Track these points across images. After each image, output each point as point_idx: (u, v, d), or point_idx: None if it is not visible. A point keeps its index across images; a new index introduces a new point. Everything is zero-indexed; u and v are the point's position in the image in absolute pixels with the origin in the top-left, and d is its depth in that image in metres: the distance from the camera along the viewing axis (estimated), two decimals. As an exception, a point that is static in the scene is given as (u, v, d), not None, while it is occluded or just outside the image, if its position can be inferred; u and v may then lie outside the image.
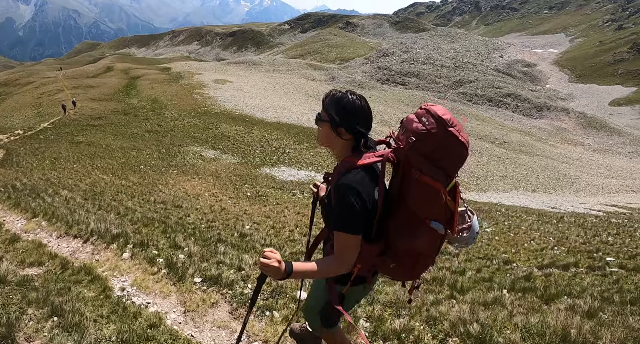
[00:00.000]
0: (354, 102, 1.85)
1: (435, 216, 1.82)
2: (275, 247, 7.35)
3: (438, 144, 1.74)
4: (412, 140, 1.76)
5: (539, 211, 17.15)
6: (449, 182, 1.79)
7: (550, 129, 62.71)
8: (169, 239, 5.96)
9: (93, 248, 5.18)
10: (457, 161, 1.80)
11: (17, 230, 6.18)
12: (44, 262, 4.51)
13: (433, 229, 1.82)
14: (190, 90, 52.61)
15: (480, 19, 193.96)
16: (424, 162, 1.75)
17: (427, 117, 1.77)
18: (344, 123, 1.85)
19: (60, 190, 10.24)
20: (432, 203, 1.79)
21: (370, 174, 1.83)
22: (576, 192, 33.33)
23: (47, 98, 50.28)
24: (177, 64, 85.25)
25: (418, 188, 1.77)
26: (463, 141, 1.75)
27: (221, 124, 35.48)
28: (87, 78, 70.96)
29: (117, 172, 17.34)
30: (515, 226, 11.37)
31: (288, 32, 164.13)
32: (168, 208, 9.82)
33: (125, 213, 8.13)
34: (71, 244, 5.41)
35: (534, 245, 8.62)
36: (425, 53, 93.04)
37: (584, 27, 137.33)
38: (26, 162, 19.04)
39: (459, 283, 4.90)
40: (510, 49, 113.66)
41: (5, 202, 8.03)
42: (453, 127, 1.74)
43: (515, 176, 35.39)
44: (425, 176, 1.74)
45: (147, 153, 24.36)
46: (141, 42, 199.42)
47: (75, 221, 6.20)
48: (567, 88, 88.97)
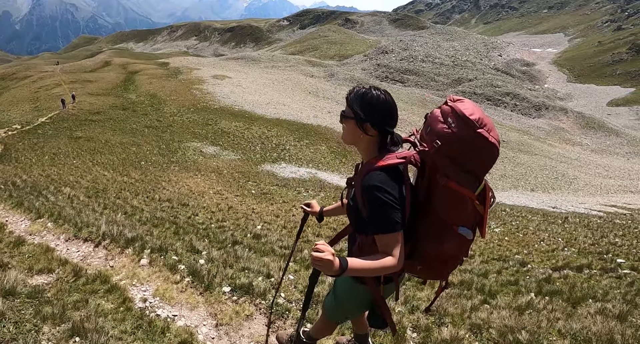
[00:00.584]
0: (379, 96, 1.79)
1: (463, 222, 1.75)
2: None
3: (466, 147, 1.63)
4: (437, 144, 1.67)
5: (543, 211, 17.18)
6: (478, 185, 1.71)
7: (548, 129, 62.85)
8: (184, 242, 5.72)
9: (106, 253, 4.83)
10: (488, 163, 1.70)
11: (22, 231, 5.80)
12: (53, 269, 4.17)
13: (461, 235, 1.75)
14: (189, 85, 52.39)
15: (480, 18, 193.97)
16: (451, 166, 1.67)
17: (453, 118, 1.66)
18: (369, 118, 1.78)
19: (62, 188, 10.03)
20: (459, 210, 1.72)
21: (393, 174, 1.75)
22: (575, 192, 33.46)
23: (45, 93, 49.95)
24: (176, 59, 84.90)
25: (445, 194, 1.70)
26: (493, 141, 1.63)
27: (221, 120, 35.34)
28: (84, 72, 70.52)
29: (118, 168, 17.18)
30: (523, 227, 11.35)
31: (287, 28, 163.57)
32: (175, 207, 9.66)
33: (132, 213, 7.92)
34: (81, 248, 5.04)
35: (545, 246, 8.60)
36: (425, 51, 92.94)
37: (583, 27, 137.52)
38: (25, 157, 18.82)
39: (487, 287, 4.82)
40: (509, 48, 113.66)
41: (7, 201, 7.67)
42: (482, 128, 1.62)
43: (514, 176, 35.48)
44: (452, 182, 1.66)
45: (147, 149, 24.20)
46: (139, 37, 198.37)
47: (85, 223, 5.86)
48: (565, 88, 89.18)
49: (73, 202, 8.39)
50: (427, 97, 68.56)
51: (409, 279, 4.83)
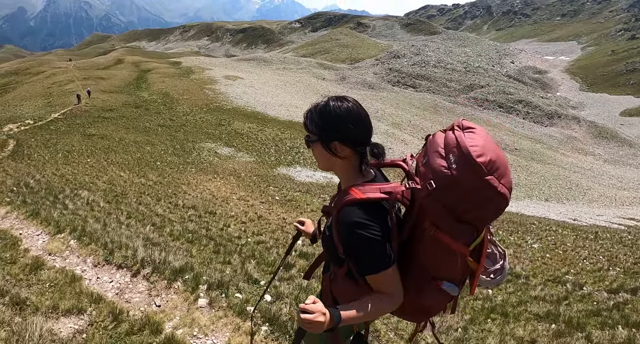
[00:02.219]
0: (341, 106, 1.48)
1: (449, 277, 1.47)
2: None
3: (467, 197, 1.30)
4: (431, 186, 1.32)
5: (566, 224, 16.77)
6: (475, 238, 1.40)
7: (560, 138, 62.19)
8: (233, 266, 5.13)
9: (149, 287, 3.94)
10: (492, 215, 1.37)
11: (39, 249, 4.96)
12: (84, 308, 3.33)
13: (444, 291, 1.48)
14: (201, 85, 52.47)
15: (492, 24, 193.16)
16: (444, 215, 1.34)
17: (456, 155, 1.30)
18: (335, 135, 1.48)
19: (79, 191, 9.64)
20: (446, 265, 1.44)
21: (374, 210, 1.45)
22: (589, 203, 32.92)
23: (58, 89, 50.25)
24: (187, 59, 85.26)
25: (431, 245, 1.41)
26: (504, 192, 1.28)
27: (234, 121, 35.25)
28: (97, 69, 71.04)
29: (134, 168, 16.96)
30: (560, 243, 11.02)
31: (298, 30, 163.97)
32: (202, 215, 9.30)
33: (161, 225, 7.36)
34: (115, 277, 4.14)
35: (589, 265, 8.31)
36: (437, 56, 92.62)
37: (597, 35, 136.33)
38: (38, 154, 18.61)
39: (574, 319, 4.44)
40: (522, 55, 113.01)
41: (21, 209, 6.86)
42: (492, 174, 1.26)
43: (527, 185, 35.01)
44: (442, 234, 1.36)
45: (161, 148, 24.08)
46: (151, 36, 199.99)
47: (116, 244, 4.95)
48: (577, 97, 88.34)
49: (94, 209, 7.85)
50: (439, 102, 68.17)
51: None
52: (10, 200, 7.67)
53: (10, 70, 78.64)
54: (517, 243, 10.37)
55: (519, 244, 10.32)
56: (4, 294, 3.37)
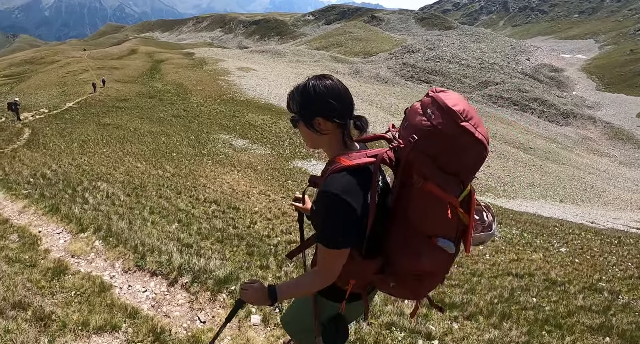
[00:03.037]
0: (320, 84, 1.51)
1: (444, 232, 1.48)
2: None
3: (447, 144, 1.36)
4: (414, 139, 1.39)
5: (592, 228, 16.44)
6: (462, 190, 1.45)
7: (575, 138, 61.25)
8: (272, 271, 4.75)
9: (189, 298, 3.50)
10: (474, 163, 1.43)
11: (61, 250, 4.52)
12: (118, 325, 2.92)
13: (441, 248, 1.48)
14: (214, 76, 52.49)
15: (508, 20, 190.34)
16: (430, 165, 1.39)
17: (433, 109, 1.39)
18: (316, 111, 1.52)
19: (97, 182, 9.40)
20: (439, 218, 1.44)
21: (361, 177, 1.46)
22: (604, 205, 32.36)
23: (72, 78, 50.66)
24: (200, 50, 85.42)
25: (421, 200, 1.43)
26: (481, 139, 1.35)
27: (247, 113, 35.20)
28: (111, 59, 71.46)
29: (150, 159, 16.90)
30: (587, 247, 10.81)
31: (312, 23, 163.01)
32: (225, 211, 9.04)
33: (187, 222, 7.04)
34: (149, 286, 3.69)
35: (619, 272, 8.09)
36: (451, 51, 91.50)
37: (615, 34, 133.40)
38: (53, 143, 18.58)
39: (627, 332, 4.26)
40: (538, 52, 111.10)
41: (40, 203, 6.45)
42: (467, 121, 1.34)
43: (542, 185, 34.52)
44: (430, 184, 1.39)
45: (176, 139, 24.08)
46: (165, 27, 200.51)
47: (147, 247, 4.51)
48: (594, 96, 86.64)
49: (114, 203, 7.53)
50: None
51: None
52: (27, 193, 7.38)
53: (25, 59, 79.58)
54: (544, 247, 10.18)
55: (546, 248, 10.12)
56: (25, 308, 2.94)
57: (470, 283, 5.68)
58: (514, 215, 16.99)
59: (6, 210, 6.49)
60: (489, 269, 6.97)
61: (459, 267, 6.92)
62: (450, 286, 5.45)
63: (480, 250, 8.45)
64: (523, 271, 7.07)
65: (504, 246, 9.52)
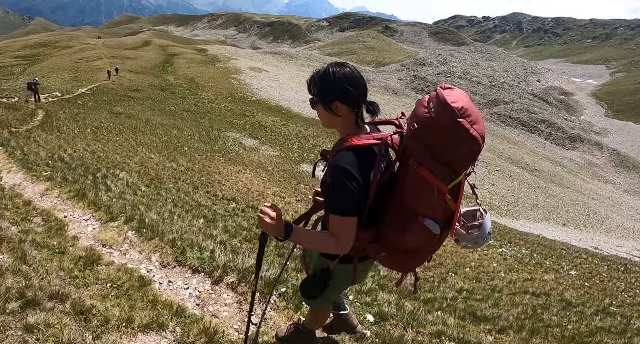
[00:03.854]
0: (339, 71, 1.69)
1: (431, 214, 1.67)
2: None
3: (443, 136, 1.53)
4: (413, 127, 1.59)
5: (597, 254, 16.44)
6: (453, 179, 1.62)
7: (581, 162, 61.19)
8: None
9: (237, 299, 3.33)
10: (466, 157, 1.60)
11: (90, 238, 4.29)
12: (165, 323, 2.74)
13: (426, 227, 1.66)
14: (226, 74, 52.72)
15: (521, 40, 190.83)
16: (425, 153, 1.58)
17: (436, 103, 1.55)
18: (334, 96, 1.70)
19: (115, 170, 9.34)
20: (426, 200, 1.63)
21: (366, 156, 1.68)
22: (607, 232, 32.27)
23: (85, 64, 50.94)
24: (213, 47, 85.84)
25: (414, 182, 1.64)
26: (476, 135, 1.51)
27: (257, 113, 35.31)
28: (125, 49, 71.83)
29: (163, 151, 16.88)
30: (595, 272, 10.87)
31: (326, 29, 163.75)
32: (245, 209, 8.87)
33: (212, 218, 6.83)
34: (192, 283, 3.49)
35: (628, 298, 8.13)
36: (463, 67, 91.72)
37: (627, 62, 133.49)
38: (67, 127, 18.56)
39: None
40: (548, 74, 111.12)
41: (63, 187, 6.17)
42: (465, 118, 1.49)
43: (546, 207, 34.46)
44: (423, 169, 1.59)
45: (188, 133, 24.14)
46: (180, 21, 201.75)
47: (186, 242, 4.25)
48: (602, 123, 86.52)
49: (136, 193, 7.38)
50: None
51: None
52: (49, 175, 7.14)
53: (39, 42, 79.95)
54: (554, 269, 10.21)
55: (556, 269, 10.15)
56: (63, 299, 2.75)
57: (493, 298, 5.73)
58: (521, 235, 17.00)
59: (27, 191, 6.30)
60: (507, 286, 7.04)
61: (477, 282, 6.94)
62: (477, 300, 5.48)
63: (494, 267, 8.50)
64: (539, 290, 7.12)
65: (516, 265, 9.56)
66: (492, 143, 55.00)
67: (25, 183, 6.77)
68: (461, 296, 5.46)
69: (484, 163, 42.65)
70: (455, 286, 6.27)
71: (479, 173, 39.07)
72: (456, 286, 6.23)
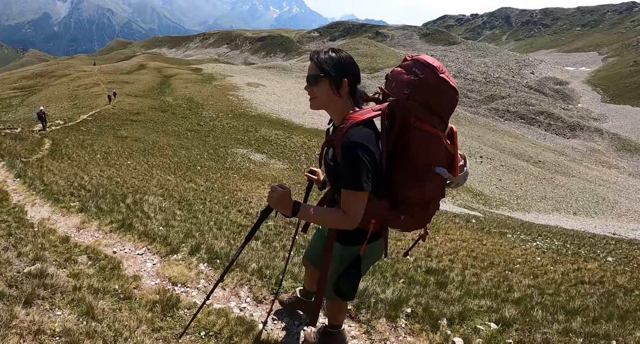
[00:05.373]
0: (346, 55, 1.88)
1: (439, 161, 1.88)
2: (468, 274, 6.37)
3: (432, 91, 1.79)
4: (408, 91, 1.81)
5: (619, 239, 16.41)
6: (445, 127, 1.87)
7: (583, 150, 61.22)
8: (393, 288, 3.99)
9: (361, 328, 3.00)
10: (450, 106, 1.87)
11: (153, 276, 3.74)
12: None
13: (438, 174, 1.87)
14: (224, 91, 53.12)
15: (511, 34, 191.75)
16: (422, 109, 1.80)
17: (418, 67, 1.81)
18: (346, 74, 1.85)
19: (143, 196, 8.95)
20: (435, 150, 1.85)
21: (373, 128, 1.85)
22: (618, 217, 32.27)
23: (83, 91, 51.36)
24: (208, 66, 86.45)
25: (420, 137, 1.83)
26: (454, 86, 1.80)
27: (260, 127, 35.57)
28: (121, 74, 72.45)
29: (177, 172, 16.93)
30: (630, 256, 10.96)
31: (317, 39, 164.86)
32: (285, 226, 8.31)
33: (266, 239, 6.38)
34: (302, 319, 3.07)
35: None
36: (456, 66, 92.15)
37: (618, 46, 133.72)
38: (77, 154, 18.51)
39: None
40: (542, 65, 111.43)
41: (101, 218, 5.73)
42: (443, 74, 1.78)
43: (554, 198, 34.48)
44: (425, 124, 1.80)
45: (196, 153, 24.30)
46: (172, 43, 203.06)
47: (277, 270, 3.82)
48: (599, 109, 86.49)
49: (175, 218, 6.84)
50: (460, 113, 67.68)
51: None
52: (80, 206, 6.64)
53: (36, 72, 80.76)
54: (592, 257, 10.26)
55: (593, 258, 10.21)
56: None
57: (560, 291, 5.83)
58: (543, 228, 17.01)
59: (60, 226, 5.73)
60: (563, 278, 7.13)
61: (535, 277, 7.01)
62: (550, 294, 5.56)
63: (539, 261, 8.67)
64: (593, 279, 7.20)
65: (557, 257, 9.66)
66: (493, 139, 55.09)
67: (54, 216, 6.28)
68: (536, 292, 5.46)
69: (489, 159, 42.73)
70: (521, 283, 6.25)
71: (485, 169, 39.16)
72: (523, 283, 6.21)
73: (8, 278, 3.09)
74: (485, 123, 64.66)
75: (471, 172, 2.13)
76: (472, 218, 16.80)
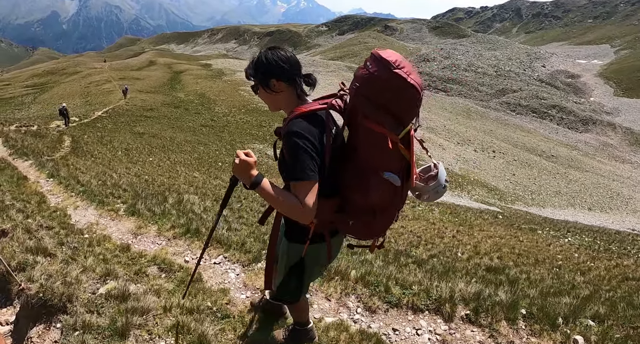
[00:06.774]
0: (268, 52, 1.82)
1: (388, 166, 1.75)
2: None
3: (383, 87, 1.64)
4: (356, 86, 1.71)
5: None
6: (401, 129, 1.71)
7: (596, 144, 60.56)
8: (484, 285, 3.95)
9: (484, 333, 2.94)
10: (408, 105, 1.69)
11: (241, 289, 3.41)
12: None
13: (387, 180, 1.74)
14: (235, 86, 53.18)
15: (522, 27, 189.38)
16: (369, 106, 1.68)
17: (371, 61, 1.67)
18: (269, 74, 1.79)
19: (180, 195, 8.58)
20: (381, 152, 1.71)
21: (314, 121, 1.75)
22: (634, 213, 31.95)
23: (95, 88, 51.75)
24: (217, 61, 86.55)
25: (365, 136, 1.72)
26: (412, 83, 1.62)
27: (274, 122, 35.62)
28: (131, 70, 72.86)
29: (200, 168, 16.91)
30: None
31: (325, 33, 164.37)
32: None
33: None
34: (422, 326, 2.99)
35: None
36: (467, 59, 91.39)
37: (631, 38, 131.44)
38: (98, 151, 18.45)
39: None
40: (553, 58, 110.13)
41: (160, 223, 5.29)
42: (399, 69, 1.60)
43: (569, 193, 34.26)
44: (370, 121, 1.68)
45: (215, 148, 24.42)
46: (180, 39, 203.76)
47: (380, 276, 3.59)
48: (612, 102, 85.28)
49: (227, 220, 6.42)
50: (471, 106, 67.26)
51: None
52: (130, 209, 6.11)
53: (47, 70, 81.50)
54: (624, 253, 10.31)
55: (625, 254, 10.25)
56: None
57: (613, 286, 5.87)
58: (568, 224, 16.95)
59: (112, 231, 5.25)
60: (607, 274, 7.17)
61: (583, 274, 7.01)
62: (606, 290, 5.50)
63: (577, 258, 8.71)
64: (635, 275, 7.22)
65: (592, 253, 9.72)
66: (505, 133, 54.68)
67: (102, 220, 5.80)
68: (592, 289, 5.39)
69: (502, 154, 42.49)
70: (574, 280, 6.18)
71: (499, 164, 38.99)
72: (577, 280, 6.14)
73: (84, 301, 2.72)
74: (497, 117, 64.16)
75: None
76: (498, 214, 16.78)
